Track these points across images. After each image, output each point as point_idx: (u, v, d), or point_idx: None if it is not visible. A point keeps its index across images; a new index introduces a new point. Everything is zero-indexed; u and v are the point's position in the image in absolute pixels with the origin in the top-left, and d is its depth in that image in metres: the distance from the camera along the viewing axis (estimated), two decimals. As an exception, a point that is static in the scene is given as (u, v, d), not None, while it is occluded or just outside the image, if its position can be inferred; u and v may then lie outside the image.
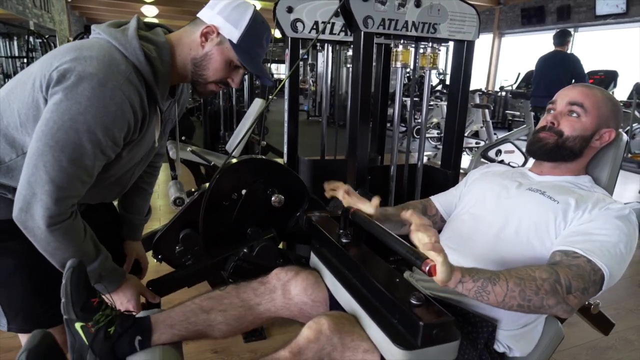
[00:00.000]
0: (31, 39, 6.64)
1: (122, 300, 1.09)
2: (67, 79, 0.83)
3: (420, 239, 0.77)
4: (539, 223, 0.99)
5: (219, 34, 0.99)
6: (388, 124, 2.81)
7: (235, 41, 0.99)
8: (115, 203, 1.33)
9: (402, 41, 1.63)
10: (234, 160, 1.29)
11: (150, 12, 10.98)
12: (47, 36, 7.29)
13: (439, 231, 1.24)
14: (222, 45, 1.00)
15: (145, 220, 1.37)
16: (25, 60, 6.44)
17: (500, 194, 1.12)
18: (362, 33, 1.49)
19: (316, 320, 0.86)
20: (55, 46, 7.70)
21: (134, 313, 1.02)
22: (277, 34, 1.96)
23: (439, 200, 1.31)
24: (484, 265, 1.01)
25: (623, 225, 0.94)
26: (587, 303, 1.23)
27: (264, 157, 1.41)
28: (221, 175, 1.23)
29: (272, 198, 1.26)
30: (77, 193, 0.92)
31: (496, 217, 1.08)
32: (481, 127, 5.54)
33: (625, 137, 1.15)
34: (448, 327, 0.74)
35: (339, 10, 1.54)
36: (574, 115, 1.07)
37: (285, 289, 1.07)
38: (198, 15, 1.03)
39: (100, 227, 1.02)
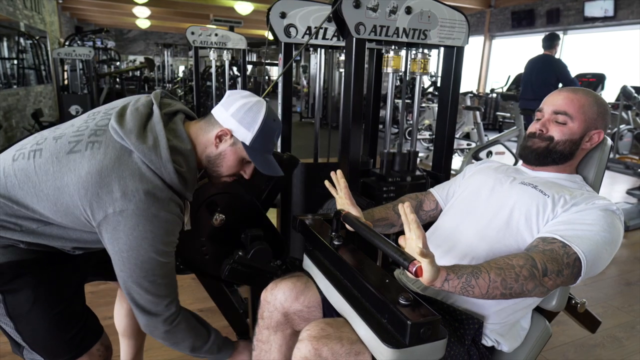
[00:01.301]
0: (22, 40, 6.59)
1: None
2: (125, 218, 0.92)
3: (408, 237, 0.80)
4: (529, 214, 1.03)
5: (232, 135, 1.05)
6: (381, 126, 2.84)
7: (247, 143, 1.06)
8: None
9: (393, 47, 1.66)
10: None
11: (142, 13, 10.92)
12: (37, 37, 7.24)
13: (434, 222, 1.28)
14: (235, 146, 1.07)
15: None
16: (15, 62, 6.38)
17: (494, 187, 1.15)
18: (354, 39, 1.51)
19: (298, 346, 0.89)
20: (46, 47, 7.65)
21: None
22: (270, 36, 1.99)
23: (439, 193, 1.34)
24: (472, 255, 1.05)
25: (607, 216, 0.97)
26: (573, 302, 1.26)
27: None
28: None
29: (214, 218, 1.26)
30: (176, 288, 1.07)
31: (489, 208, 1.11)
32: (472, 129, 5.61)
33: (609, 141, 1.19)
34: (435, 325, 0.77)
35: (331, 16, 1.56)
36: (561, 122, 1.11)
37: (277, 306, 1.11)
38: (212, 112, 1.08)
39: None
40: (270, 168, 1.12)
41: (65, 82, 7.06)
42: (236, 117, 1.04)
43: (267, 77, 7.12)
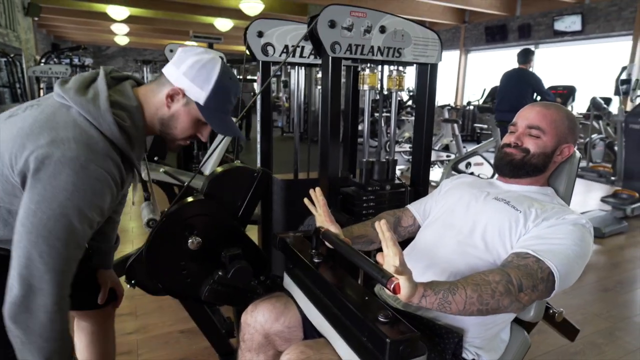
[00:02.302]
0: (-5, 58, 6.46)
1: None
2: (47, 165, 0.82)
3: (386, 255, 0.81)
4: (502, 229, 1.06)
5: (185, 95, 0.99)
6: (360, 139, 2.87)
7: (202, 103, 0.99)
8: None
9: (368, 65, 1.69)
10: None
11: (120, 30, 10.86)
12: (12, 55, 7.11)
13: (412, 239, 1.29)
14: (189, 106, 1.00)
15: (115, 248, 1.37)
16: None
17: (469, 203, 1.18)
18: (330, 58, 1.54)
19: None
20: (21, 65, 7.51)
21: None
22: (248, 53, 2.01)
23: (417, 209, 1.35)
24: (450, 270, 1.06)
25: (577, 230, 1.00)
26: (551, 312, 1.28)
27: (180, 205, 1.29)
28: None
29: (190, 241, 1.22)
30: (74, 269, 0.91)
31: (465, 224, 1.14)
32: (451, 141, 5.72)
33: (578, 154, 1.24)
34: (414, 342, 0.77)
35: (307, 35, 1.59)
36: (534, 135, 1.15)
37: (257, 328, 1.10)
38: (163, 71, 1.01)
39: None
40: (227, 129, 1.05)
41: (41, 100, 6.90)
42: (188, 75, 0.97)
43: (251, 93, 7.14)
